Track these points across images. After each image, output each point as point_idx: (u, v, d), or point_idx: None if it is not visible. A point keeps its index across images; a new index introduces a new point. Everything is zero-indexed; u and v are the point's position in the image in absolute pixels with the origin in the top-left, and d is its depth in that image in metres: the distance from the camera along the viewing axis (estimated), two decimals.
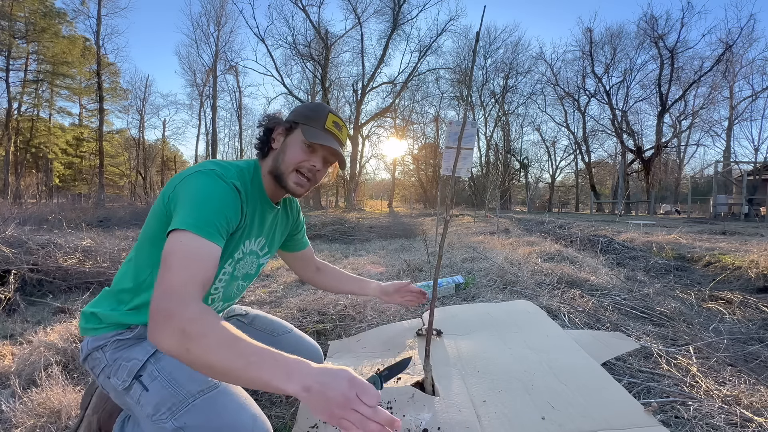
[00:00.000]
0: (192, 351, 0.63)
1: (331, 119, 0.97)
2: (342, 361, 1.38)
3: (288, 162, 0.94)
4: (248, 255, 1.00)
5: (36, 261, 2.90)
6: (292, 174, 0.95)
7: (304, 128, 0.94)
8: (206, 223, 0.76)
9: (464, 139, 3.68)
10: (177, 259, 0.71)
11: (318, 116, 0.96)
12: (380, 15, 23.17)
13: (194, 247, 0.73)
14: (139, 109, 30.40)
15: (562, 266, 2.79)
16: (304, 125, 0.95)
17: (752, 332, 1.87)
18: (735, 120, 23.73)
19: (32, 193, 17.40)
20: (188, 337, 0.63)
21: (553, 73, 28.21)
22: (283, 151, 0.96)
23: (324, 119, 0.96)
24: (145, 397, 0.79)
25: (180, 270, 0.70)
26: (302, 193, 0.99)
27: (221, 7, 27.37)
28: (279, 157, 0.96)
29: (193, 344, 0.63)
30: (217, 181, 0.82)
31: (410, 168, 34.98)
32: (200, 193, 0.79)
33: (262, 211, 0.99)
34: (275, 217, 1.07)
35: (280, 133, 0.97)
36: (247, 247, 0.98)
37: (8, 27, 20.33)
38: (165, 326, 0.65)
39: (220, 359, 0.62)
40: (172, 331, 0.64)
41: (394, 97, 24.53)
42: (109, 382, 0.85)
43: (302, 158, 0.95)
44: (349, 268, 3.43)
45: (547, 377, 1.18)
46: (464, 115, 1.24)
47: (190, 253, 0.72)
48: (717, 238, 5.57)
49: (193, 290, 0.69)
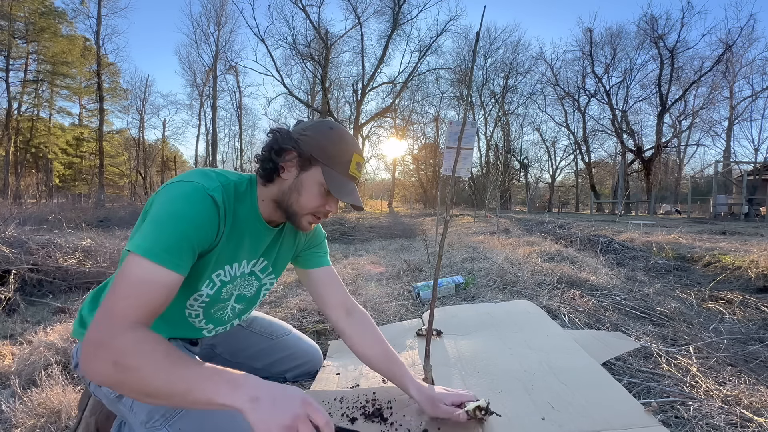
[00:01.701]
0: (126, 383, 0.61)
1: (355, 161, 0.86)
2: (342, 361, 1.38)
3: (303, 205, 0.85)
4: (239, 278, 0.93)
5: (36, 261, 2.90)
6: (306, 216, 0.87)
7: (326, 171, 0.83)
8: (165, 249, 0.68)
9: (464, 139, 3.68)
10: (124, 285, 0.66)
11: (342, 158, 0.84)
12: (380, 15, 23.17)
13: (145, 274, 0.67)
14: (139, 109, 30.40)
15: (562, 266, 2.79)
16: (326, 166, 0.83)
17: (752, 332, 1.86)
18: (735, 120, 23.73)
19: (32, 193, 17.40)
20: (121, 369, 0.60)
21: (553, 73, 28.22)
22: (297, 191, 0.84)
23: (348, 163, 0.85)
24: (138, 405, 0.78)
25: (124, 297, 0.65)
26: (309, 230, 0.93)
27: (221, 7, 27.40)
28: (291, 194, 0.84)
29: (127, 376, 0.60)
30: (191, 196, 0.74)
31: (410, 168, 35.00)
32: (169, 210, 0.72)
33: (255, 232, 0.90)
34: (278, 237, 0.99)
35: (292, 164, 0.83)
36: (237, 269, 0.91)
37: (8, 27, 20.32)
38: (96, 357, 0.61)
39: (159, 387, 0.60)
40: (103, 362, 0.60)
41: (394, 97, 24.51)
42: (100, 390, 0.85)
43: (320, 203, 0.85)
44: (350, 267, 3.43)
45: (547, 377, 1.18)
46: (464, 115, 1.24)
47: (139, 280, 0.67)
48: (717, 238, 5.57)
49: (134, 318, 0.65)
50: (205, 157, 30.22)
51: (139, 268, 0.67)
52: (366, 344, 1.01)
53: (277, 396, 0.60)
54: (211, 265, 0.84)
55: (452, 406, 0.91)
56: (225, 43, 28.04)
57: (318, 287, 1.06)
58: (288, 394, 0.61)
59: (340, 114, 26.86)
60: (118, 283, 0.67)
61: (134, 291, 0.66)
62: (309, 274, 1.07)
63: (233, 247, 0.86)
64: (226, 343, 1.18)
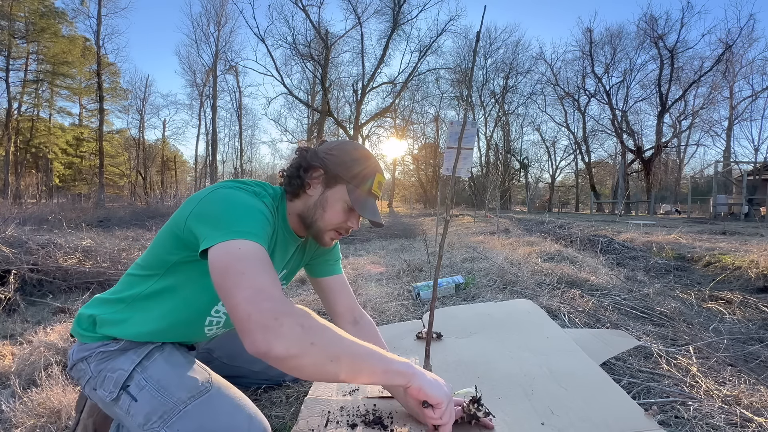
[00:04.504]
0: (317, 344, 0.61)
1: (377, 180, 0.90)
2: None
3: (328, 221, 0.89)
4: None
5: (36, 261, 2.91)
6: (330, 232, 0.91)
7: (350, 189, 0.88)
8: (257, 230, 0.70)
9: (464, 139, 3.68)
10: (247, 264, 0.64)
11: (366, 177, 0.89)
12: (380, 15, 23.16)
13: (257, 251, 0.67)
14: (139, 109, 30.40)
15: (562, 266, 2.79)
16: (350, 185, 0.88)
17: (752, 332, 1.86)
18: (735, 120, 23.73)
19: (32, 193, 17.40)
20: (309, 331, 0.61)
21: (553, 73, 28.21)
22: (321, 207, 0.89)
23: (371, 181, 0.89)
24: (135, 408, 0.78)
25: (258, 273, 0.64)
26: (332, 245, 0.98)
27: (221, 7, 27.39)
28: (316, 210, 0.89)
29: (316, 338, 0.62)
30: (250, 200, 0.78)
31: (410, 168, 35.01)
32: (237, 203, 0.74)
33: (285, 242, 0.94)
34: (298, 248, 1.01)
35: (318, 181, 0.89)
36: None
37: (8, 27, 20.33)
38: (282, 326, 0.60)
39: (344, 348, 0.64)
40: (289, 329, 0.60)
41: (394, 97, 24.51)
42: (95, 394, 0.84)
43: (343, 219, 0.90)
44: (350, 267, 3.43)
45: (547, 381, 1.18)
46: (464, 115, 1.24)
47: (257, 257, 0.66)
48: (717, 238, 5.57)
49: (281, 291, 0.65)
50: (205, 157, 30.25)
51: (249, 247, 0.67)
52: None
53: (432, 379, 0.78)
54: None
55: None
56: (225, 43, 28.07)
57: (327, 295, 1.08)
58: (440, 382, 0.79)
59: (340, 114, 26.86)
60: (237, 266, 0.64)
61: (262, 265, 0.66)
62: (319, 282, 1.09)
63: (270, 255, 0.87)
64: (223, 347, 1.18)
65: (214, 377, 0.86)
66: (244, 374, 1.20)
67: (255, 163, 37.93)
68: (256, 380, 1.23)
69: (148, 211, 9.96)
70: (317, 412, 1.01)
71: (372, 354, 0.68)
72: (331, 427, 0.95)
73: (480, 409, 0.92)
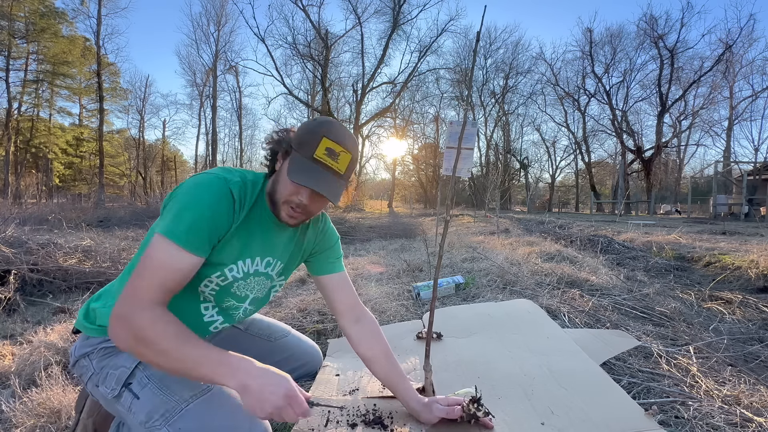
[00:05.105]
0: (144, 354, 0.72)
1: (324, 145, 0.81)
2: (341, 361, 1.38)
3: (280, 193, 0.85)
4: (252, 275, 0.93)
5: (36, 261, 2.91)
6: (284, 206, 0.86)
7: (294, 157, 0.82)
8: (185, 231, 0.75)
9: (464, 139, 3.68)
10: (147, 265, 0.75)
11: (310, 141, 0.81)
12: (380, 15, 23.13)
13: (166, 255, 0.75)
14: (139, 109, 30.36)
15: (562, 266, 2.79)
16: (295, 153, 0.83)
17: (752, 332, 1.86)
18: (735, 120, 23.71)
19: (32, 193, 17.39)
20: (140, 342, 0.71)
21: (553, 73, 28.18)
22: (277, 180, 0.86)
23: (315, 145, 0.80)
24: (137, 405, 0.78)
25: (145, 277, 0.74)
26: (296, 224, 0.90)
27: (221, 7, 27.36)
28: (274, 185, 0.87)
29: (144, 349, 0.71)
30: (212, 184, 0.80)
31: (410, 168, 34.99)
32: (191, 195, 0.79)
33: (267, 230, 0.91)
34: (293, 238, 0.99)
35: (281, 155, 0.88)
36: (250, 266, 0.91)
37: (8, 27, 20.32)
38: (120, 330, 0.72)
39: (168, 362, 0.71)
40: (126, 335, 0.72)
41: (394, 97, 24.50)
42: (97, 390, 0.84)
43: (290, 192, 0.83)
44: (350, 267, 3.43)
45: (547, 381, 1.18)
46: (464, 115, 1.24)
47: (160, 261, 0.75)
48: (717, 238, 5.57)
49: (152, 297, 0.74)
50: (205, 157, 30.21)
51: (161, 248, 0.75)
52: (371, 352, 1.03)
53: (265, 387, 0.70)
54: (223, 256, 0.86)
55: (449, 407, 0.94)
56: (225, 43, 28.02)
57: (329, 293, 1.08)
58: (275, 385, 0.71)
59: (340, 114, 26.86)
60: (142, 263, 0.76)
61: (154, 272, 0.75)
62: (320, 280, 1.08)
63: (245, 244, 0.88)
64: (223, 346, 1.17)
65: None
66: None
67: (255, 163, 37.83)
68: None
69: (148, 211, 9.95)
70: (318, 412, 1.01)
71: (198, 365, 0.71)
72: (332, 426, 0.95)
73: (480, 409, 0.92)
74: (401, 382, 0.99)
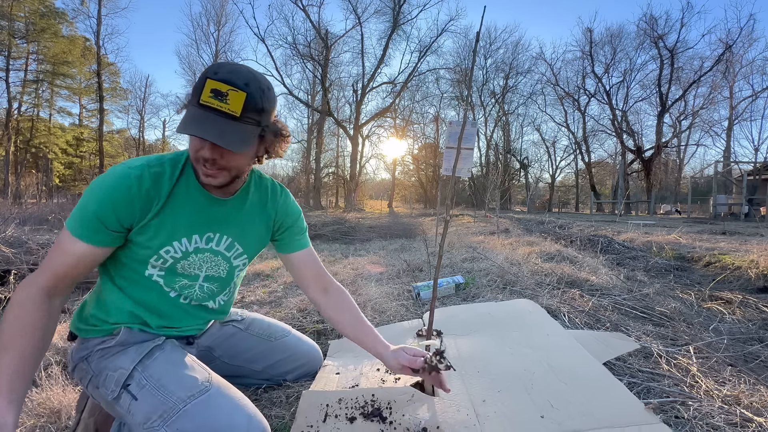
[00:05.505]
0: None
1: (209, 87, 0.73)
2: (342, 361, 1.38)
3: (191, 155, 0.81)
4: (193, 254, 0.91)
5: (36, 261, 2.90)
6: (198, 167, 0.82)
7: (185, 110, 0.77)
8: (80, 222, 0.80)
9: (464, 139, 3.68)
10: (50, 251, 0.82)
11: (197, 87, 0.74)
12: (380, 15, 23.17)
13: (62, 243, 0.81)
14: (139, 109, 30.42)
15: (562, 266, 2.79)
16: (186, 105, 0.77)
17: (752, 332, 1.86)
18: (735, 120, 23.73)
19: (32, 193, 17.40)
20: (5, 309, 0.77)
21: (553, 73, 28.20)
22: None
23: (200, 90, 0.73)
24: (135, 407, 0.78)
25: (46, 261, 0.81)
26: (217, 185, 0.84)
27: (221, 7, 27.40)
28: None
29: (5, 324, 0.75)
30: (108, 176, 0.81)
31: (410, 168, 34.97)
32: (90, 190, 0.82)
33: (199, 206, 0.89)
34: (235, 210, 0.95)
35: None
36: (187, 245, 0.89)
37: (8, 27, 20.32)
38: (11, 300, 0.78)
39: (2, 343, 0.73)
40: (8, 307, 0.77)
41: (394, 97, 24.53)
42: (98, 392, 0.85)
43: (192, 149, 0.80)
44: (350, 267, 3.43)
45: (546, 376, 1.18)
46: (464, 115, 1.24)
47: (57, 248, 0.81)
48: (717, 238, 5.57)
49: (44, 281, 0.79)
50: None
51: (60, 237, 0.82)
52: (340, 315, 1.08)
53: None
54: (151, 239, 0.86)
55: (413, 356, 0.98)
56: (225, 43, 28.07)
57: (298, 269, 1.10)
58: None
59: (340, 114, 26.86)
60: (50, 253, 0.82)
61: (50, 256, 0.81)
62: (290, 259, 1.09)
63: (173, 222, 0.86)
64: (224, 346, 1.17)
65: (214, 377, 0.86)
66: (245, 374, 1.20)
67: None
68: (257, 380, 1.23)
69: None
70: (315, 405, 1.00)
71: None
72: (330, 421, 0.95)
73: (441, 362, 0.92)
74: (369, 334, 1.04)
